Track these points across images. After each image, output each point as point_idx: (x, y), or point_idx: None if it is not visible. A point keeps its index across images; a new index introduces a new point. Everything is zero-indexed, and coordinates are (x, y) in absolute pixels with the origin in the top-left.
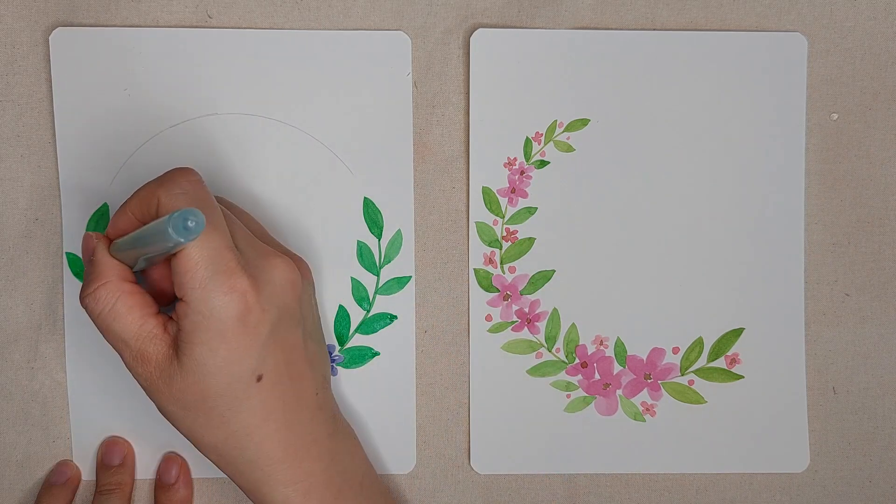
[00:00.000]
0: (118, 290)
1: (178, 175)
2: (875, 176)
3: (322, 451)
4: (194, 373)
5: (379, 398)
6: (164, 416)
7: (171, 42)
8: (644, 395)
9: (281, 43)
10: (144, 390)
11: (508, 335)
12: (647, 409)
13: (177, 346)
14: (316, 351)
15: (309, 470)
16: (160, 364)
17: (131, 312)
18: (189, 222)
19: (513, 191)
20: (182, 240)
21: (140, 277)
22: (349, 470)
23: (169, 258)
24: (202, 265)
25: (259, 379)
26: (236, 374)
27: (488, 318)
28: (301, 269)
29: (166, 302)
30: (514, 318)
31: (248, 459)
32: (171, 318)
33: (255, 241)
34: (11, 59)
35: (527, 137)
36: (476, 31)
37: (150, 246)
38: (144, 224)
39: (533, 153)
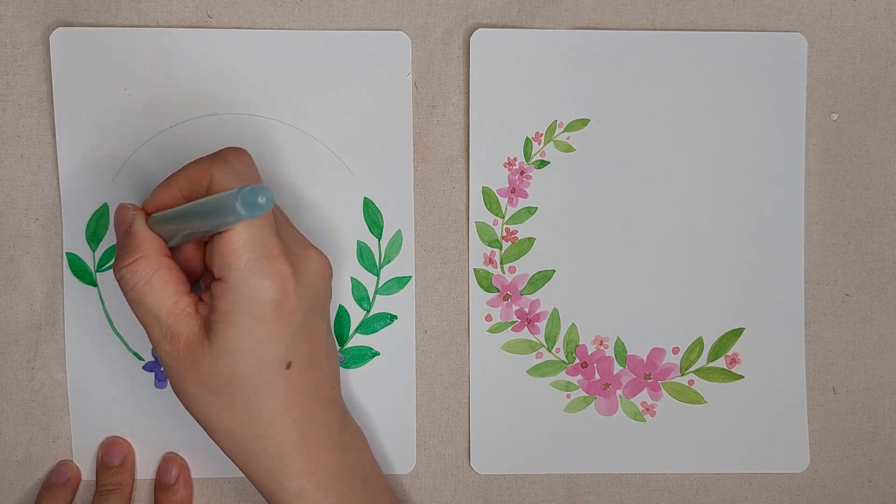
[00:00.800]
0: (156, 264)
1: (232, 154)
2: (875, 176)
3: (335, 444)
4: (226, 355)
5: (379, 398)
6: (181, 399)
7: (171, 42)
8: (644, 395)
9: (281, 43)
10: (167, 369)
11: (508, 335)
12: (647, 409)
13: (208, 326)
14: (333, 345)
15: (324, 462)
16: (189, 343)
17: (166, 288)
18: (260, 198)
19: (513, 191)
20: (248, 215)
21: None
22: (359, 464)
23: (202, 239)
24: (249, 247)
25: (288, 366)
26: (267, 359)
27: (488, 318)
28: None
29: (193, 281)
30: (514, 318)
31: (263, 448)
32: (201, 298)
33: (293, 230)
34: (11, 59)
35: (527, 137)
36: (476, 31)
37: (202, 221)
38: (189, 200)
39: (533, 153)
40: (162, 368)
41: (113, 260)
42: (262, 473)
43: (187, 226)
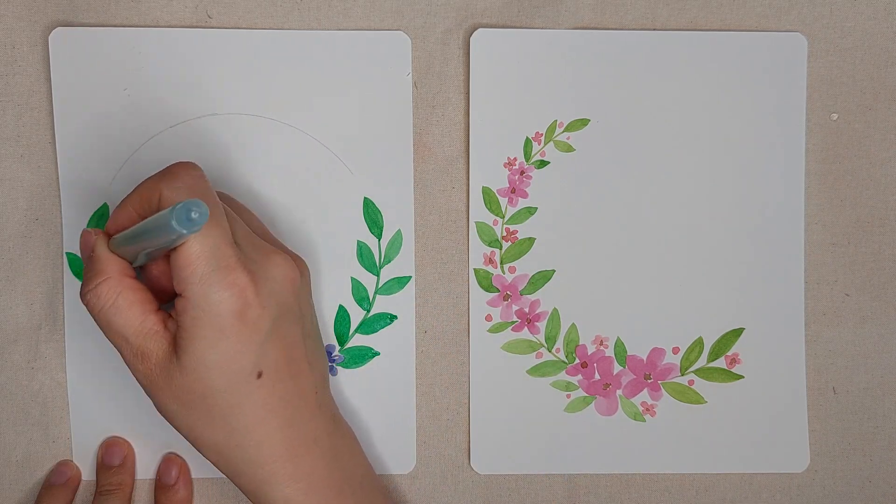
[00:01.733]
0: (119, 286)
1: (180, 169)
2: (875, 176)
3: (323, 450)
4: (194, 370)
5: (379, 398)
6: (164, 416)
7: (171, 42)
8: (644, 395)
9: (281, 43)
10: (144, 388)
11: (508, 335)
12: (647, 409)
13: (177, 343)
14: (315, 349)
15: (310, 468)
16: (160, 361)
17: (132, 308)
18: (193, 213)
19: (513, 191)
20: (185, 231)
21: (139, 274)
22: (349, 469)
23: (168, 254)
24: (202, 260)
25: (259, 375)
26: (236, 370)
27: (488, 318)
28: (299, 267)
29: (166, 299)
30: (514, 318)
31: (248, 458)
32: (170, 315)
33: (254, 237)
34: (11, 59)
35: (527, 137)
36: (476, 31)
37: (151, 239)
38: (142, 219)
39: (533, 153)
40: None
41: None
42: (248, 484)
43: (142, 245)
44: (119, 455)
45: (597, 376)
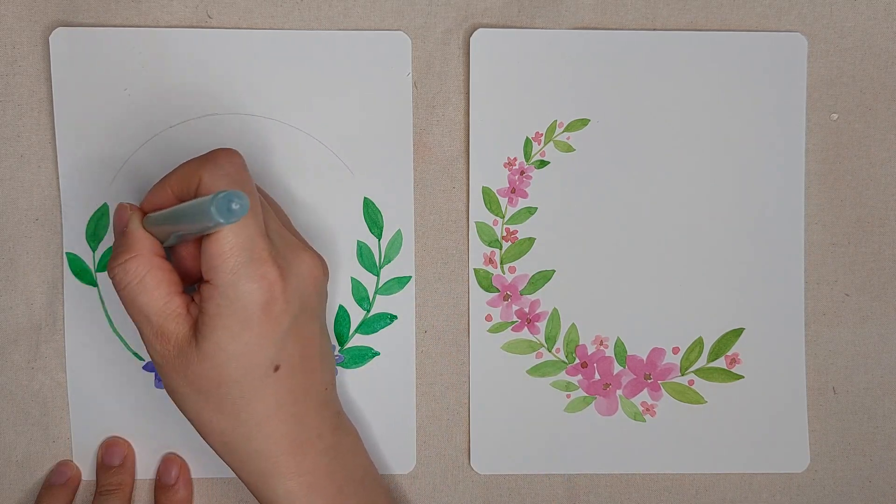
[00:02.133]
0: (149, 264)
1: (221, 156)
2: (875, 176)
3: (327, 446)
4: (213, 357)
5: (379, 398)
6: (172, 398)
7: (171, 42)
8: (644, 395)
9: (281, 43)
10: (158, 368)
11: (508, 335)
12: (647, 409)
13: (198, 328)
14: (327, 347)
15: (313, 464)
16: (179, 343)
17: (158, 287)
18: (233, 204)
19: (513, 191)
20: (223, 221)
21: (168, 254)
22: (351, 466)
23: (199, 238)
24: (236, 250)
25: (276, 369)
26: (255, 362)
27: (488, 318)
28: (324, 266)
29: (190, 281)
30: (514, 318)
31: (254, 450)
32: (193, 299)
33: (285, 232)
34: (12, 59)
35: (527, 137)
36: (476, 31)
37: (187, 224)
38: (182, 201)
39: (533, 153)
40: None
41: None
42: (251, 474)
43: (176, 227)
44: (119, 455)
45: (597, 376)
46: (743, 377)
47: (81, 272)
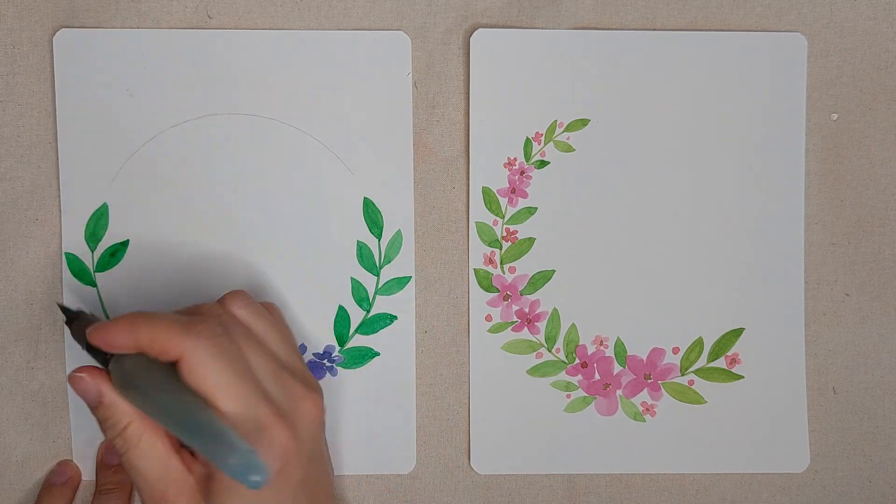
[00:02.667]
0: (141, 428)
1: (203, 328)
2: (875, 176)
3: None
4: None
5: (379, 398)
6: None
7: (172, 43)
8: (644, 395)
9: (281, 43)
10: None
11: (508, 335)
12: (647, 409)
13: (209, 489)
14: (330, 475)
15: None
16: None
17: (154, 449)
18: (252, 477)
19: (513, 191)
20: (241, 482)
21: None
22: None
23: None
24: (238, 422)
25: None
26: None
27: (488, 318)
28: (321, 399)
29: None
30: (514, 319)
31: None
32: (194, 455)
33: (283, 374)
34: (12, 59)
35: (527, 137)
36: (476, 31)
37: (181, 435)
38: (148, 357)
39: (533, 153)
40: None
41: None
42: None
43: (164, 425)
44: (119, 455)
45: (597, 376)
46: (743, 377)
47: (80, 272)
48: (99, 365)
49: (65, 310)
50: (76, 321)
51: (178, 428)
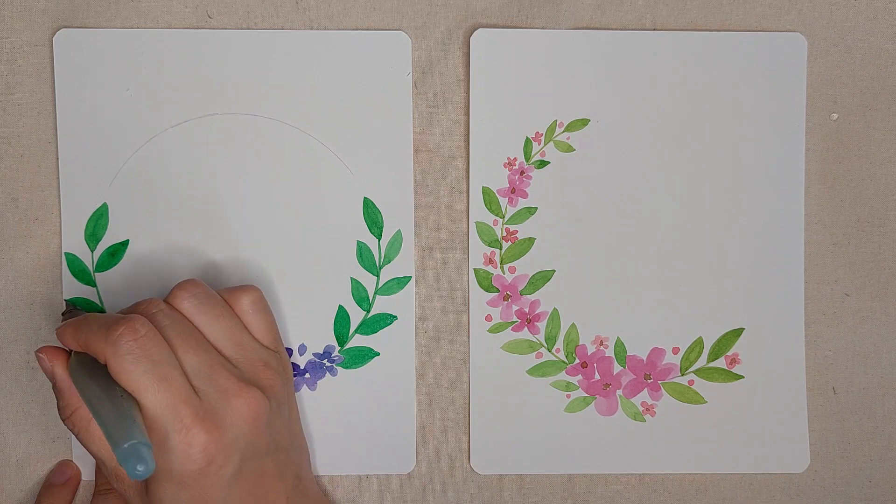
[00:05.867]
0: (87, 415)
1: (124, 331)
2: (875, 176)
3: None
4: None
5: (379, 398)
6: None
7: (172, 43)
8: (644, 395)
9: (281, 43)
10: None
11: (508, 335)
12: (647, 409)
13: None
14: (285, 459)
15: None
16: (134, 485)
17: (100, 435)
18: (138, 467)
19: (513, 191)
20: (130, 473)
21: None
22: None
23: None
24: (158, 422)
25: None
26: None
27: (488, 318)
28: (270, 387)
29: None
30: (514, 318)
31: None
32: None
33: (217, 370)
34: (12, 59)
35: (527, 137)
36: (476, 31)
37: (97, 421)
38: (93, 356)
39: (533, 153)
40: None
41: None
42: None
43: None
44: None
45: (597, 376)
46: (743, 377)
47: (80, 272)
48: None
49: (70, 308)
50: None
51: (93, 413)
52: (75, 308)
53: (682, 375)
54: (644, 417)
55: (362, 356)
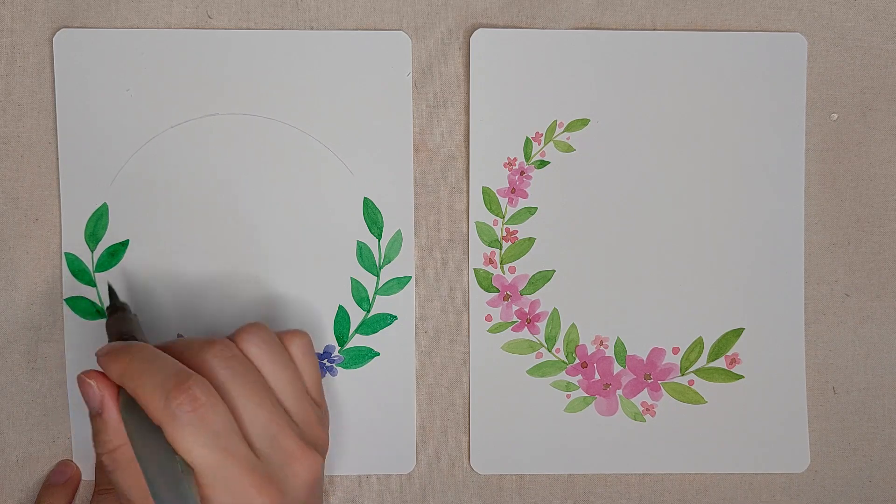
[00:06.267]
0: (130, 456)
1: (185, 399)
2: (875, 176)
3: None
4: None
5: (379, 398)
6: None
7: (172, 43)
8: (644, 396)
9: (281, 43)
10: None
11: (508, 335)
12: (647, 409)
13: None
14: None
15: None
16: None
17: (141, 478)
18: None
19: (513, 191)
20: None
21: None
22: None
23: None
24: (217, 489)
25: None
26: None
27: (488, 318)
28: (323, 451)
29: None
30: (514, 319)
31: None
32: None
33: (281, 430)
34: (12, 59)
35: (527, 137)
36: (476, 31)
37: (148, 483)
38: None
39: (533, 153)
40: None
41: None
42: None
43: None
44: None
45: (597, 376)
46: (743, 377)
47: (80, 272)
48: None
49: (113, 297)
50: (115, 315)
51: (142, 465)
52: (119, 303)
53: (682, 375)
54: (644, 417)
55: (362, 356)
